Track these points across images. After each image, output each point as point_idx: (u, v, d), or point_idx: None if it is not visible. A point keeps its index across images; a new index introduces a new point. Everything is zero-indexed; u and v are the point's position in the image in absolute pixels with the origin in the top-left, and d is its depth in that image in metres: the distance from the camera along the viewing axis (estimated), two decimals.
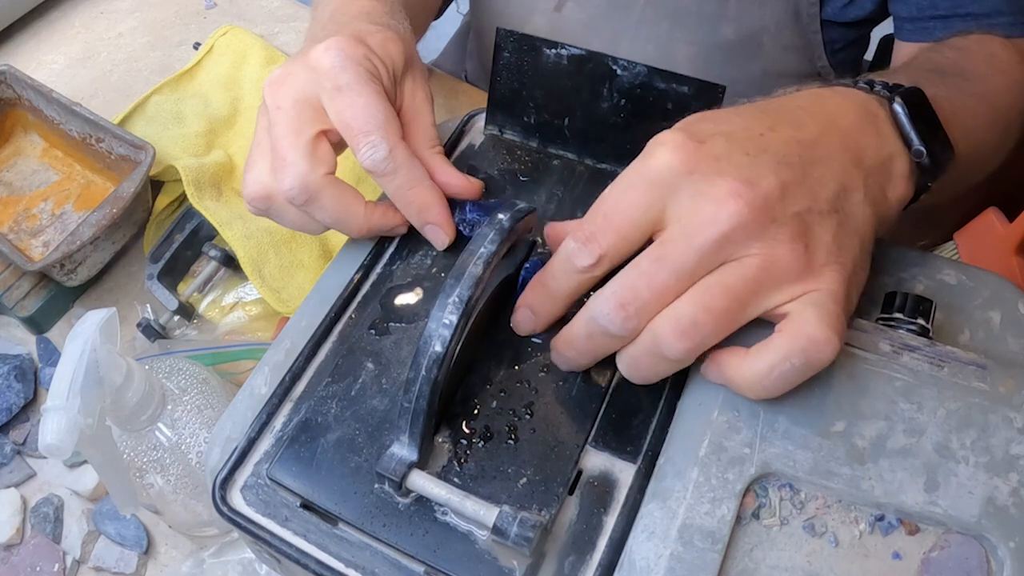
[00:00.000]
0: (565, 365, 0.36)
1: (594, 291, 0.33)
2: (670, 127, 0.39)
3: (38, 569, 0.57)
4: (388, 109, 0.40)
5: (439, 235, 0.41)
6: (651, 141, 0.33)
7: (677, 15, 0.67)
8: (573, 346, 0.34)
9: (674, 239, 0.31)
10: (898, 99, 0.36)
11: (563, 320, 0.36)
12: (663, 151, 0.32)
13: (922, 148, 0.36)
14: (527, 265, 0.39)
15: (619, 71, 0.42)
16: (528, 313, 0.36)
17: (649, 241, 0.32)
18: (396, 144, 0.39)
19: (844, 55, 0.70)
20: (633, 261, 0.32)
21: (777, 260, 0.31)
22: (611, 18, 0.69)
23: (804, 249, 0.31)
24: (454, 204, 0.42)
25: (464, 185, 0.42)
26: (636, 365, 0.33)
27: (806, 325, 0.30)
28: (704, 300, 0.31)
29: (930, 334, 0.35)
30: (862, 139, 0.35)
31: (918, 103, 0.37)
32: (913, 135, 0.36)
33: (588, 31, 0.71)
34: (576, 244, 0.33)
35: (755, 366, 0.31)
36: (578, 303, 0.34)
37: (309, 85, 0.40)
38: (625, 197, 0.32)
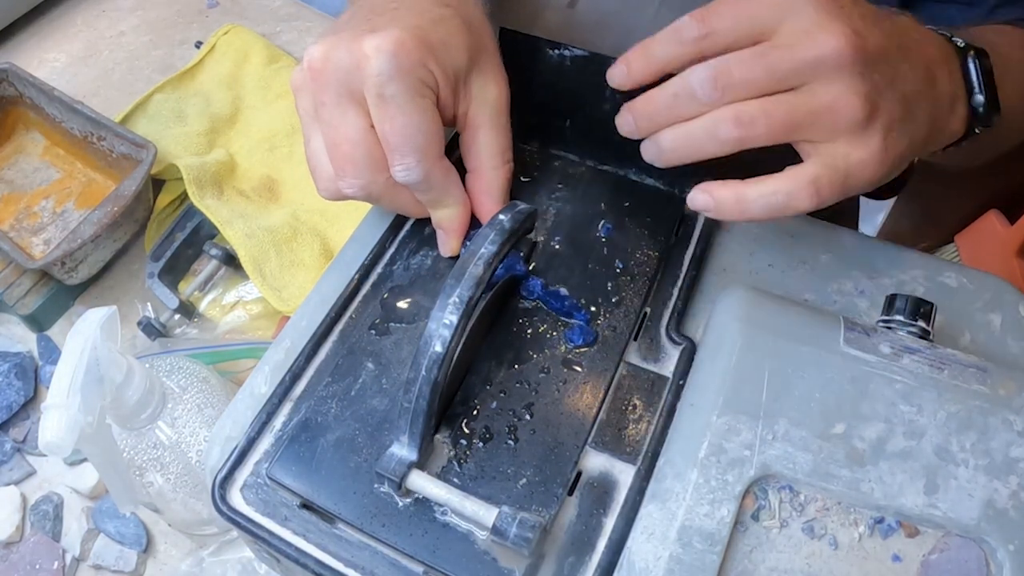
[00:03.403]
0: (627, 127, 0.39)
1: None
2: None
3: (37, 567, 0.57)
4: (432, 128, 0.38)
5: (445, 243, 0.41)
6: None
7: None
8: (653, 101, 0.37)
9: (780, 45, 0.34)
10: (972, 52, 0.40)
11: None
12: None
13: (982, 97, 0.39)
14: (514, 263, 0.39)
15: None
16: (623, 67, 0.39)
17: None
18: (432, 167, 0.39)
19: None
20: (735, 51, 0.35)
21: (843, 107, 0.34)
22: (625, 16, 0.69)
23: (868, 113, 0.34)
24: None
25: None
26: (687, 138, 0.36)
27: (805, 173, 0.35)
28: (768, 105, 0.34)
29: (930, 336, 0.35)
30: (938, 70, 0.38)
31: (984, 63, 0.40)
32: (977, 85, 0.39)
33: (601, 28, 0.70)
34: (690, 19, 0.36)
35: (747, 189, 0.36)
36: None
37: (353, 81, 0.38)
38: None
